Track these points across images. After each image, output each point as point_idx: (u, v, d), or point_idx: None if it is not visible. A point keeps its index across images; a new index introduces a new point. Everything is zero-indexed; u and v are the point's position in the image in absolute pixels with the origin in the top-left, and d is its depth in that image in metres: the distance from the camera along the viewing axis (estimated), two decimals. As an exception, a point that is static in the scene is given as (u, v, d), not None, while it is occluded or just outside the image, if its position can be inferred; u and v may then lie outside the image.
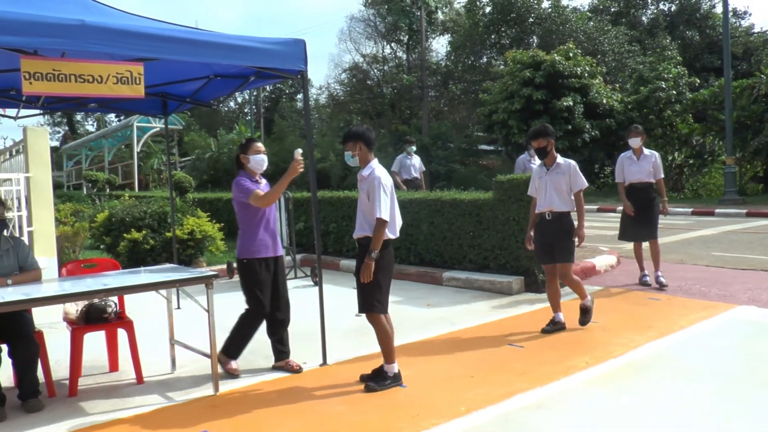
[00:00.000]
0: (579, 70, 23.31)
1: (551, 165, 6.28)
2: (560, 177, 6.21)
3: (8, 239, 5.03)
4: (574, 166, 6.25)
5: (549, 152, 6.27)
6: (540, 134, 6.24)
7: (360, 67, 42.46)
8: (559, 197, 6.21)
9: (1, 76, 5.84)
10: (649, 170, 8.15)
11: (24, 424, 4.43)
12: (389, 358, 4.89)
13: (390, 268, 4.91)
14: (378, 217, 4.70)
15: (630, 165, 8.25)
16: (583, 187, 6.25)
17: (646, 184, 8.17)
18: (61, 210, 15.54)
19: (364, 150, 4.92)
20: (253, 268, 5.26)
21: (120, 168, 33.70)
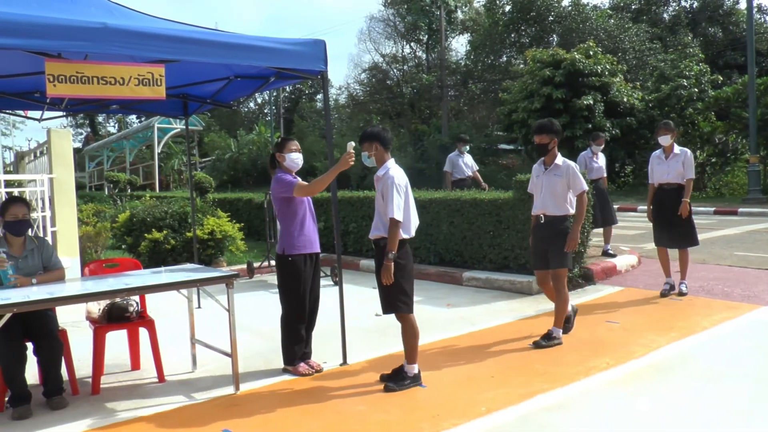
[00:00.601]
0: (599, 68, 23.14)
1: (550, 165, 5.95)
2: (557, 179, 5.86)
3: (33, 239, 5.10)
4: (573, 169, 5.86)
5: (550, 150, 5.91)
6: (544, 130, 5.91)
7: (379, 67, 42.47)
8: (553, 200, 5.89)
9: (26, 79, 5.91)
10: (679, 170, 7.48)
11: (49, 421, 4.49)
12: (412, 359, 4.88)
13: (409, 266, 4.89)
14: (391, 217, 4.69)
15: (658, 165, 7.65)
16: (584, 190, 5.89)
17: (675, 185, 7.50)
18: (84, 210, 15.71)
19: (381, 150, 4.91)
20: (298, 265, 5.27)
21: (141, 169, 34.03)
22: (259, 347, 5.78)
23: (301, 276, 5.27)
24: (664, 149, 7.68)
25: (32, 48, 4.16)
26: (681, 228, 7.56)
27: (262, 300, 5.41)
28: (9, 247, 4.92)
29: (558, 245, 5.83)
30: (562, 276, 5.92)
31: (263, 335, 5.46)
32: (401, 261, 4.78)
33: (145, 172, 33.59)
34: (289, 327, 5.32)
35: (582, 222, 5.99)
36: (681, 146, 7.75)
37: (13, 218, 4.87)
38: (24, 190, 8.95)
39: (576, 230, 5.85)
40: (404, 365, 4.91)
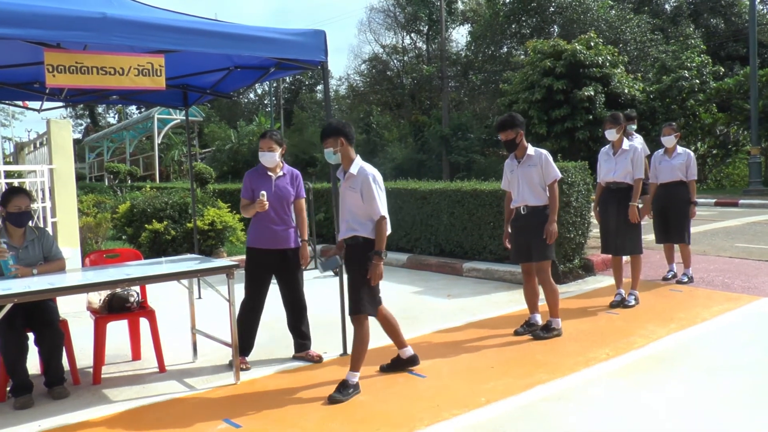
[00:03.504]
0: (600, 59, 23.06)
1: (522, 157, 5.87)
2: (532, 169, 5.80)
3: (33, 230, 5.10)
4: (545, 157, 5.81)
5: (519, 144, 5.84)
6: (507, 125, 5.80)
7: (380, 58, 42.35)
8: (531, 191, 5.82)
9: (25, 70, 5.90)
10: (682, 169, 7.60)
11: (51, 410, 4.50)
12: (356, 366, 4.62)
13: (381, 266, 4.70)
14: (381, 215, 4.57)
15: (661, 164, 7.72)
16: (557, 178, 5.81)
17: (678, 182, 7.61)
18: (84, 201, 15.72)
19: (346, 145, 4.68)
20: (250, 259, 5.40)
21: (141, 159, 34.02)
22: (259, 337, 5.78)
23: (250, 269, 5.37)
24: (667, 149, 7.65)
25: (31, 38, 4.15)
26: (677, 224, 7.58)
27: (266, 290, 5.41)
28: (10, 237, 4.92)
29: (540, 237, 5.76)
30: (547, 268, 5.88)
31: (263, 325, 5.46)
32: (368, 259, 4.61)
33: (145, 163, 33.58)
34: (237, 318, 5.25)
35: (557, 211, 5.83)
36: (683, 138, 7.70)
37: (15, 209, 4.87)
38: (24, 180, 8.94)
39: (552, 220, 5.75)
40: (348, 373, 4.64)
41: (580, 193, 8.29)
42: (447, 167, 28.84)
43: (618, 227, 6.80)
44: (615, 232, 6.83)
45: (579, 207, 8.28)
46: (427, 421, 4.03)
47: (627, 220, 6.70)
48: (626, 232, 6.77)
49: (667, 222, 7.82)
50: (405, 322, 6.51)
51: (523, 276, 6.10)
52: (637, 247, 6.85)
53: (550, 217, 5.77)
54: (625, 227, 6.75)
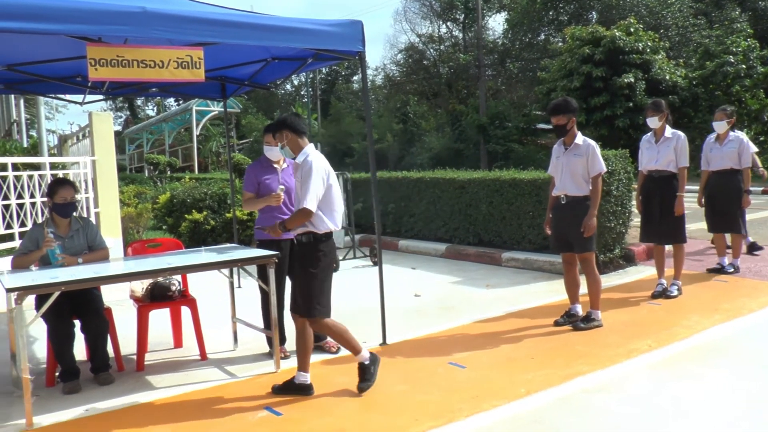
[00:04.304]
0: (640, 45, 22.65)
1: (569, 145, 5.77)
2: (577, 159, 5.68)
3: (78, 220, 5.22)
4: (593, 148, 5.68)
5: (569, 130, 5.73)
6: (560, 110, 5.69)
7: (416, 47, 42.19)
8: (572, 181, 5.71)
9: (68, 64, 6.00)
10: (733, 157, 7.36)
11: (97, 395, 4.61)
12: (303, 366, 4.46)
13: (332, 265, 4.52)
14: (303, 206, 4.26)
15: (711, 151, 7.50)
16: (601, 172, 5.69)
17: (729, 171, 7.40)
18: (125, 192, 16.00)
19: (293, 137, 4.48)
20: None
21: (180, 151, 34.44)
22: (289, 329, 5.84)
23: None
24: (719, 136, 7.42)
25: (74, 33, 4.22)
26: (727, 213, 7.34)
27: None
28: (56, 227, 5.05)
29: (579, 230, 5.65)
30: (590, 259, 5.80)
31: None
32: (325, 258, 4.40)
33: (184, 154, 33.99)
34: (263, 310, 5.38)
35: (598, 205, 5.71)
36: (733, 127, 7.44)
37: (62, 200, 5.00)
38: (68, 172, 9.13)
39: (592, 214, 5.63)
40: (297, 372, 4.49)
41: (621, 182, 8.16)
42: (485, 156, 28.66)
43: (661, 216, 6.66)
44: (658, 220, 6.70)
45: (620, 196, 8.15)
46: (467, 412, 4.02)
47: (670, 208, 6.56)
48: (669, 220, 6.62)
49: (715, 211, 7.64)
50: (443, 312, 6.52)
51: (564, 266, 6.02)
52: (681, 236, 6.71)
53: (590, 210, 5.65)
54: (668, 215, 6.61)
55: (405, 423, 3.90)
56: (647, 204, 6.82)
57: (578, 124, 5.78)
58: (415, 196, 10.73)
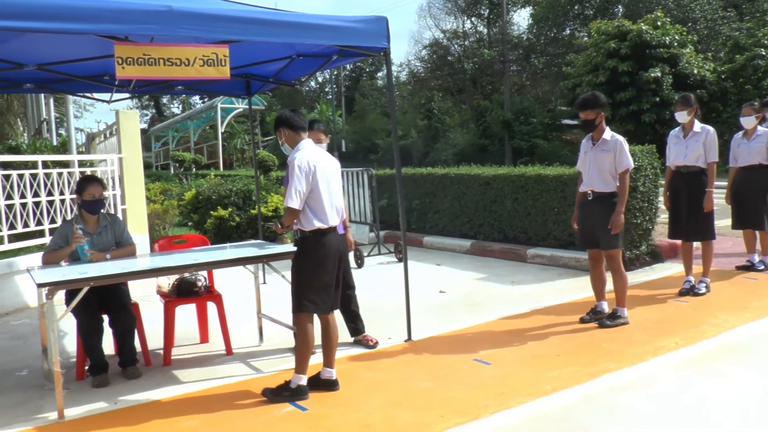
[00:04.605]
0: (668, 39, 22.37)
1: (597, 140, 5.68)
2: (604, 155, 5.59)
3: (106, 216, 5.29)
4: (620, 144, 5.58)
5: (597, 125, 5.66)
6: (588, 105, 5.62)
7: (440, 43, 42.11)
8: (599, 176, 5.63)
9: (95, 62, 6.07)
10: (762, 152, 7.18)
11: (125, 389, 4.68)
12: (299, 368, 4.36)
13: (325, 262, 4.36)
14: (286, 205, 4.27)
15: (739, 147, 7.31)
16: (629, 168, 5.59)
17: (757, 166, 7.20)
18: (151, 189, 16.16)
19: (289, 134, 4.47)
20: None
21: (205, 148, 34.74)
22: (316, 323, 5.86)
23: None
24: (746, 131, 7.25)
25: (102, 32, 4.27)
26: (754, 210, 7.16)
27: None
28: (85, 224, 5.13)
29: (606, 227, 5.59)
30: (617, 256, 5.72)
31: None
32: (315, 255, 4.34)
33: (209, 152, 34.27)
34: None
35: (625, 201, 5.63)
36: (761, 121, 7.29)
37: (90, 197, 5.07)
38: (95, 169, 9.25)
39: (620, 211, 5.54)
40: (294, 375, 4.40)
41: (648, 178, 8.06)
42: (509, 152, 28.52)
43: (689, 212, 6.57)
44: (686, 217, 6.61)
45: (646, 192, 8.06)
46: (492, 409, 4.01)
47: (699, 204, 6.47)
48: (698, 216, 6.53)
49: (741, 207, 7.52)
50: (468, 308, 6.51)
51: (590, 262, 5.97)
52: (710, 232, 6.62)
53: (617, 207, 5.58)
54: (697, 212, 6.52)
55: (431, 419, 3.90)
56: (675, 200, 6.72)
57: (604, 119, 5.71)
58: (440, 193, 10.71)
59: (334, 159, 4.65)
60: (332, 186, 4.45)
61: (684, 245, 6.86)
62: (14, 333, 6.47)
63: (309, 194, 4.29)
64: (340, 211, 4.50)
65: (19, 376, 5.16)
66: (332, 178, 4.48)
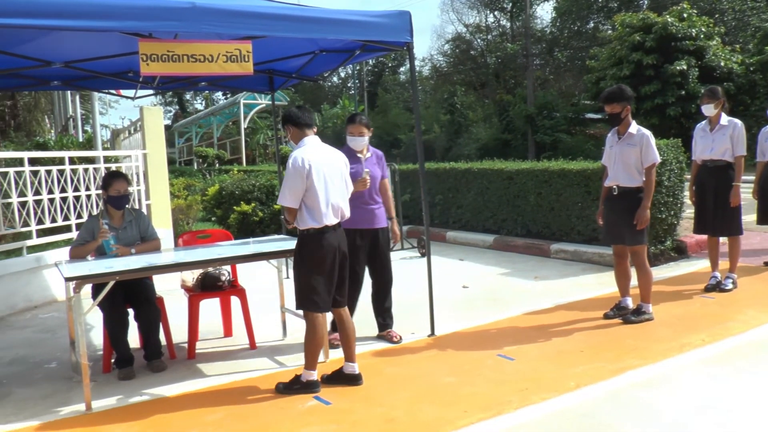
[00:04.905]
0: (694, 31, 22.06)
1: (623, 134, 5.60)
2: (630, 149, 5.51)
3: (131, 211, 5.35)
4: (647, 138, 5.49)
5: (624, 119, 5.56)
6: (614, 98, 5.53)
7: (463, 38, 41.93)
8: (625, 171, 5.55)
9: (120, 60, 6.13)
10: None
11: (151, 382, 4.73)
12: (309, 364, 4.39)
13: (322, 260, 4.34)
14: (279, 203, 4.36)
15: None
16: (655, 162, 5.50)
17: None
18: (175, 184, 16.29)
19: (294, 130, 4.52)
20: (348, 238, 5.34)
21: (228, 144, 34.92)
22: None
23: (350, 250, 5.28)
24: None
25: (126, 29, 4.30)
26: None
27: (349, 271, 5.46)
28: (110, 219, 5.19)
29: (631, 222, 5.52)
30: (642, 252, 5.65)
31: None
32: (311, 254, 4.34)
33: (232, 147, 34.45)
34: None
35: (651, 197, 5.53)
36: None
37: (116, 193, 5.13)
38: (120, 165, 9.34)
39: (645, 206, 5.46)
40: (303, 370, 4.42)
41: (673, 172, 7.97)
42: (532, 147, 28.35)
43: (716, 207, 6.48)
44: (713, 211, 6.51)
45: (671, 186, 7.97)
46: (516, 405, 4.00)
47: (725, 199, 6.38)
48: (725, 211, 6.43)
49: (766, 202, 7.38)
50: (492, 303, 6.50)
51: (614, 258, 5.91)
52: (736, 227, 6.51)
53: (643, 202, 5.50)
54: (723, 207, 6.43)
55: (454, 415, 3.90)
56: (701, 195, 6.63)
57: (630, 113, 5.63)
58: (463, 187, 10.68)
59: (339, 155, 4.60)
60: (331, 184, 4.39)
61: (710, 240, 6.77)
62: (43, 326, 6.57)
63: (305, 193, 4.30)
64: (339, 210, 4.44)
65: (48, 368, 5.24)
66: (334, 176, 4.43)
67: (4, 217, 7.26)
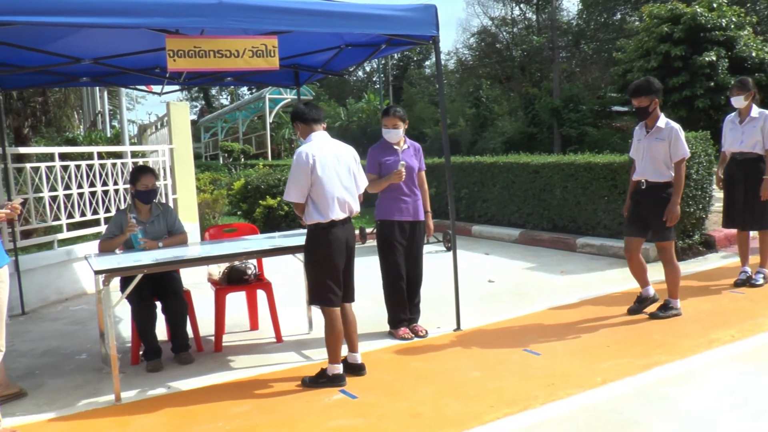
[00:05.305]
0: (724, 21, 21.63)
1: (651, 127, 5.49)
2: (658, 143, 5.41)
3: (158, 205, 5.42)
4: (676, 132, 5.38)
5: (651, 112, 5.45)
6: (642, 91, 5.42)
7: (488, 31, 41.63)
8: (653, 166, 5.45)
9: (147, 56, 6.19)
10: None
11: (178, 374, 4.80)
12: (332, 358, 4.44)
13: (330, 255, 4.37)
14: (284, 198, 4.44)
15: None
16: (685, 157, 5.38)
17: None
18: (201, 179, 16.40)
19: (302, 126, 4.54)
20: (385, 231, 5.37)
21: (253, 138, 35.08)
22: (372, 311, 5.89)
23: (388, 242, 5.33)
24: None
25: (154, 26, 4.36)
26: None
27: (374, 265, 5.48)
28: (138, 213, 5.26)
29: (659, 218, 5.43)
30: (669, 248, 5.57)
31: (375, 299, 5.55)
32: (319, 248, 4.38)
33: (257, 142, 34.60)
34: (387, 291, 5.44)
35: (681, 192, 5.42)
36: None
37: (143, 188, 5.20)
38: (147, 160, 9.44)
39: (675, 202, 5.37)
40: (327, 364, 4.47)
41: (701, 165, 7.86)
42: (558, 140, 28.09)
43: (746, 200, 6.37)
44: (742, 205, 6.40)
45: (700, 180, 7.86)
46: (542, 400, 3.98)
47: (755, 192, 6.26)
48: (754, 205, 6.31)
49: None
50: (517, 298, 6.47)
51: (626, 251, 5.77)
52: (767, 221, 6.42)
53: (673, 198, 5.40)
54: (753, 200, 6.31)
55: (480, 410, 3.89)
56: (730, 188, 6.53)
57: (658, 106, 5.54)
58: (489, 181, 10.64)
59: (348, 150, 4.60)
60: (338, 179, 4.40)
61: (740, 234, 6.66)
62: (74, 318, 6.69)
63: (311, 187, 4.33)
64: (346, 204, 4.44)
65: (79, 360, 5.33)
66: (341, 170, 4.44)
67: (35, 211, 7.39)
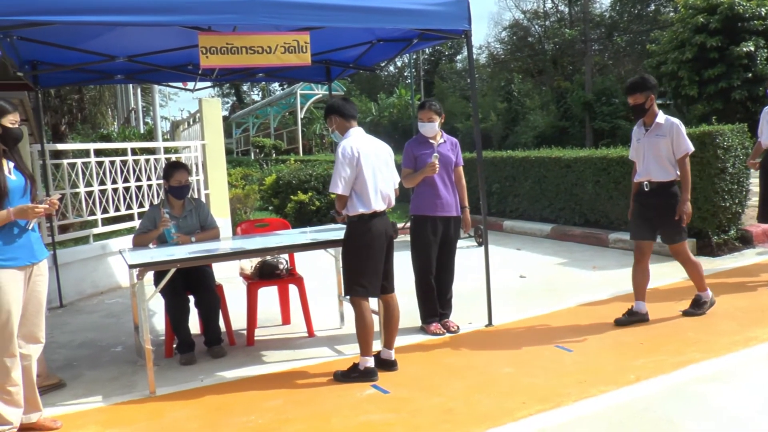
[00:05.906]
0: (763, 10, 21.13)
1: (650, 125, 5.27)
2: (660, 140, 5.18)
3: (191, 200, 5.48)
4: (677, 127, 5.17)
5: (648, 109, 5.23)
6: (637, 88, 5.20)
7: (520, 24, 41.29)
8: (657, 164, 5.20)
9: (180, 53, 6.27)
10: None
11: (211, 367, 4.86)
12: (364, 350, 4.45)
13: (371, 246, 4.40)
14: (331, 191, 4.44)
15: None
16: (689, 151, 5.19)
17: None
18: (232, 174, 16.56)
19: (339, 121, 4.54)
20: (419, 226, 5.35)
21: (285, 134, 35.27)
22: (404, 305, 5.88)
23: (421, 237, 5.32)
24: None
25: (187, 23, 4.40)
26: None
27: (406, 259, 5.47)
28: (171, 208, 5.33)
29: (669, 217, 5.20)
30: (684, 249, 5.34)
31: (408, 293, 5.53)
32: (363, 239, 4.40)
33: (288, 137, 34.78)
34: (418, 286, 5.45)
35: (690, 189, 5.21)
36: None
37: (177, 183, 5.27)
38: (180, 156, 9.56)
39: (686, 199, 5.15)
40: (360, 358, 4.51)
41: (738, 159, 7.70)
42: (590, 134, 27.77)
43: None
44: None
45: (736, 173, 7.70)
46: (575, 397, 3.95)
47: None
48: None
49: None
50: (549, 293, 6.43)
51: (635, 255, 5.47)
52: None
53: (682, 195, 5.20)
54: None
55: (513, 406, 3.88)
56: (767, 182, 6.38)
57: (689, 98, 5.44)
58: (520, 176, 10.56)
59: (384, 146, 4.65)
60: (379, 172, 4.47)
61: None
62: (109, 311, 6.80)
63: (355, 180, 4.37)
64: (386, 197, 4.52)
65: (114, 352, 5.43)
66: (380, 164, 4.51)
67: (72, 206, 7.53)
